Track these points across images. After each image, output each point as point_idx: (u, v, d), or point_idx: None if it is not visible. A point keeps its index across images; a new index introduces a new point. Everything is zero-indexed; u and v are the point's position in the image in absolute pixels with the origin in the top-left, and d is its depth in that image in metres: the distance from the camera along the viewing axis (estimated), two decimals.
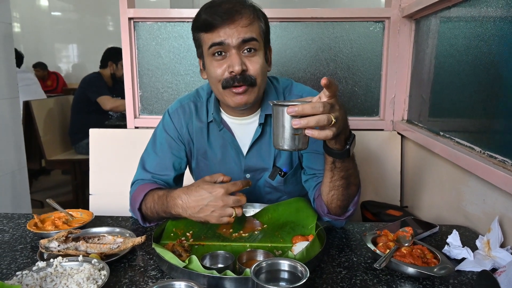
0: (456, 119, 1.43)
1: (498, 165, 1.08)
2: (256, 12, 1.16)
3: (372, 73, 1.92)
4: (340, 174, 1.02)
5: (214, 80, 1.17)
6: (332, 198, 1.07)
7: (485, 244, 1.01)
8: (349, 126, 0.95)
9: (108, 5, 6.75)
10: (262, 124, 1.24)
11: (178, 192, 1.08)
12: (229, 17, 1.10)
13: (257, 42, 1.14)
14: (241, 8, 1.12)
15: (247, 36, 1.11)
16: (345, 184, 1.03)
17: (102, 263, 0.90)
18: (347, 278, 0.92)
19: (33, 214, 1.22)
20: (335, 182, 1.03)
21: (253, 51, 1.14)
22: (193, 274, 0.87)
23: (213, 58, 1.15)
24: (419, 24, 1.76)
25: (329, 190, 1.06)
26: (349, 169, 1.02)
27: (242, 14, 1.11)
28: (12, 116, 2.50)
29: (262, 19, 1.18)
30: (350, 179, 1.04)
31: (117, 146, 1.92)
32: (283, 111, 0.84)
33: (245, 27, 1.11)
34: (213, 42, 1.12)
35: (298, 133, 0.85)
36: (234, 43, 1.11)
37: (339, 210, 1.10)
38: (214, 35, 1.12)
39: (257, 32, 1.14)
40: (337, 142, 0.93)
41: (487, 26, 1.20)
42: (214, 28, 1.11)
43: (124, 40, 1.89)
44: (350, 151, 0.94)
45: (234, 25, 1.10)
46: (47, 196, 1.53)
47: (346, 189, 1.05)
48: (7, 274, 0.94)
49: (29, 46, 6.92)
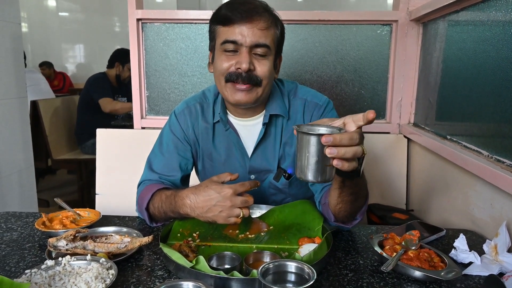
0: (464, 123, 1.43)
1: (506, 170, 1.08)
2: (275, 19, 1.17)
3: (379, 76, 1.92)
4: (349, 191, 1.00)
5: (218, 73, 1.18)
6: (339, 210, 1.07)
7: (492, 249, 1.00)
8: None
9: (115, 6, 6.79)
10: (266, 124, 1.24)
11: (186, 192, 1.08)
12: (248, 16, 1.10)
13: (269, 50, 1.14)
14: (262, 11, 1.13)
15: (261, 41, 1.12)
16: (354, 198, 1.02)
17: (110, 262, 0.91)
18: (353, 281, 0.92)
19: (41, 213, 1.23)
20: (344, 198, 1.02)
21: (263, 56, 1.15)
22: (200, 274, 0.87)
23: (224, 53, 1.15)
24: (426, 28, 1.76)
25: (336, 203, 1.05)
26: (357, 185, 1.00)
27: (262, 16, 1.12)
28: (20, 116, 2.52)
29: (279, 27, 1.19)
30: (359, 193, 1.02)
31: (124, 146, 1.93)
32: (314, 140, 0.77)
33: (261, 30, 1.12)
34: (227, 39, 1.13)
35: (329, 163, 0.78)
36: (247, 43, 1.11)
37: (346, 219, 1.10)
38: (230, 31, 1.12)
39: (271, 39, 1.15)
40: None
41: (496, 30, 1.20)
42: (231, 23, 1.12)
43: (132, 41, 1.90)
44: (360, 171, 0.89)
45: (252, 25, 1.11)
46: (53, 195, 1.54)
47: (354, 203, 1.04)
48: (15, 272, 0.95)
49: (36, 46, 6.98)
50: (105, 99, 3.54)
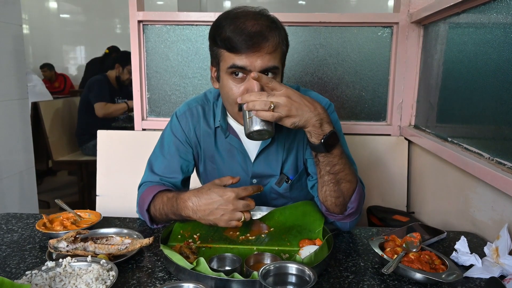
0: (464, 125, 1.43)
1: (507, 172, 1.07)
2: (281, 34, 1.13)
3: (380, 78, 1.92)
4: (326, 169, 1.07)
5: (230, 100, 1.14)
6: (325, 195, 1.11)
7: (493, 251, 1.00)
8: (332, 126, 1.03)
9: (116, 8, 6.81)
10: None
11: (188, 194, 1.08)
12: (256, 44, 1.05)
13: (278, 69, 1.12)
14: (268, 33, 1.07)
15: (270, 65, 1.08)
16: (334, 179, 1.07)
17: (110, 264, 0.91)
18: (354, 283, 0.92)
19: (41, 214, 1.23)
20: (324, 177, 1.09)
21: (272, 76, 1.11)
22: (201, 276, 0.87)
23: (231, 77, 1.11)
24: (427, 30, 1.76)
25: (321, 186, 1.11)
26: (336, 165, 1.06)
27: (269, 40, 1.07)
28: (21, 117, 2.53)
29: (285, 41, 1.15)
30: (339, 175, 1.07)
31: (125, 148, 1.93)
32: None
33: (269, 54, 1.08)
34: (235, 65, 1.08)
35: (250, 116, 1.02)
36: (256, 69, 1.07)
37: (336, 208, 1.12)
38: (237, 58, 1.07)
39: (279, 58, 1.12)
40: (312, 136, 1.02)
41: (497, 32, 1.20)
42: (238, 51, 1.07)
43: (133, 43, 1.91)
44: (326, 146, 1.02)
45: (260, 52, 1.06)
46: (53, 196, 1.54)
47: (336, 184, 1.08)
48: (16, 274, 0.95)
49: (37, 48, 6.99)
50: (99, 103, 3.52)
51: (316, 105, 1.01)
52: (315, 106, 1.01)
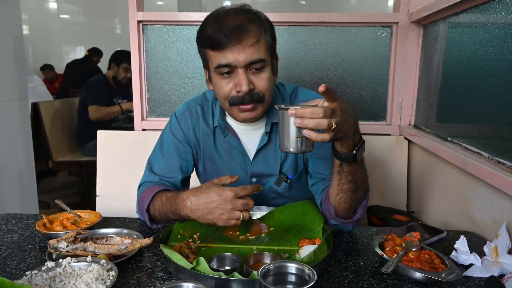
0: (464, 125, 1.43)
1: (506, 171, 1.08)
2: (263, 25, 1.12)
3: (380, 78, 1.92)
4: (347, 178, 1.02)
5: (221, 97, 1.17)
6: (340, 201, 1.08)
7: (492, 250, 1.00)
8: (360, 132, 0.96)
9: (116, 8, 6.81)
10: (268, 133, 1.24)
11: (187, 193, 1.08)
12: (235, 37, 1.06)
13: (264, 61, 1.12)
14: (248, 25, 1.08)
15: (254, 58, 1.09)
16: (353, 187, 1.04)
17: (110, 264, 0.91)
18: (354, 282, 0.92)
19: (41, 215, 1.23)
20: (343, 186, 1.04)
21: (260, 69, 1.12)
22: (201, 275, 0.87)
23: (220, 76, 1.13)
24: (427, 30, 1.76)
25: (336, 193, 1.06)
26: (357, 174, 1.02)
27: (249, 32, 1.07)
28: (21, 117, 2.53)
29: (269, 32, 1.14)
30: (358, 183, 1.04)
31: (125, 148, 1.93)
32: (285, 114, 0.88)
33: (252, 46, 1.08)
34: (220, 64, 1.10)
35: (300, 135, 0.88)
36: (241, 64, 1.08)
37: (346, 213, 1.10)
38: (221, 55, 1.09)
39: (264, 49, 1.12)
40: (343, 146, 0.95)
41: (496, 32, 1.20)
42: (220, 48, 1.08)
43: (133, 43, 1.91)
44: (357, 156, 0.95)
45: (241, 45, 1.07)
46: (54, 197, 1.54)
47: (354, 192, 1.05)
48: (16, 274, 0.95)
49: (37, 48, 7.00)
50: (92, 106, 3.51)
51: (353, 113, 0.93)
52: (354, 115, 0.92)
